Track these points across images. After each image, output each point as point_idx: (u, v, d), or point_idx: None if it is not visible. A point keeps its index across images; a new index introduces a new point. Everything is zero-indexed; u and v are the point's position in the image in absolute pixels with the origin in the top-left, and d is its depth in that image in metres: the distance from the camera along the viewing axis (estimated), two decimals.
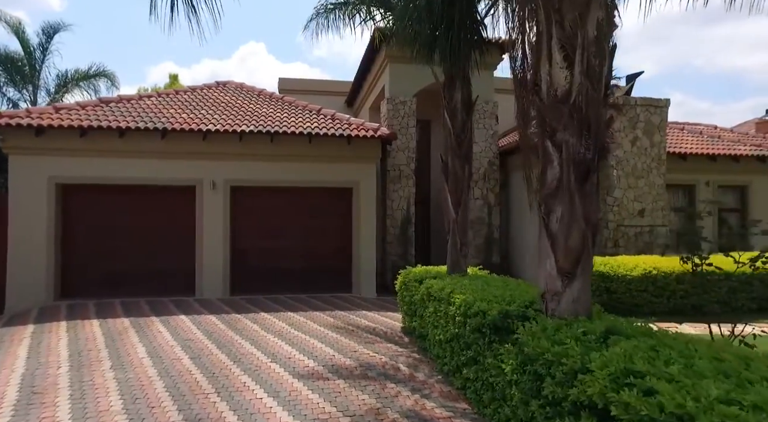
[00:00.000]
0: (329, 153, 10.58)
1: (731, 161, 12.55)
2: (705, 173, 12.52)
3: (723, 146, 12.79)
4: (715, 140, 13.24)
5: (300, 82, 17.59)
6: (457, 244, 6.85)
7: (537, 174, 4.38)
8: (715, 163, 12.47)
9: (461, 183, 6.87)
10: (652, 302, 8.62)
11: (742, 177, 12.87)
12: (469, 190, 6.99)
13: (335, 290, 10.60)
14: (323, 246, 10.82)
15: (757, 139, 13.94)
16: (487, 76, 11.70)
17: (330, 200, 10.90)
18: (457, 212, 6.87)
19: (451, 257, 6.89)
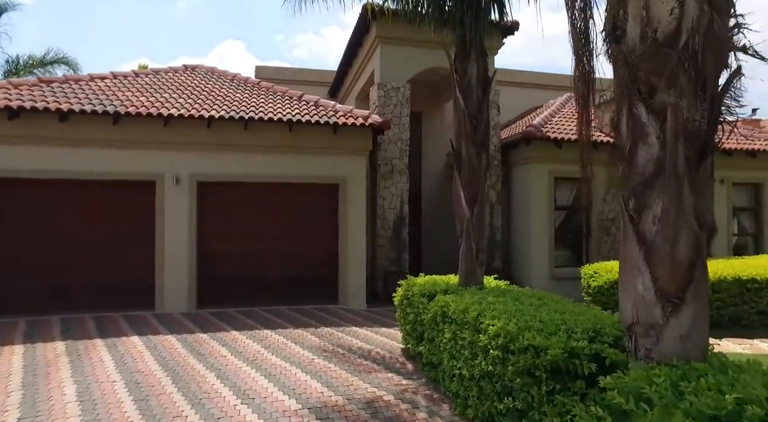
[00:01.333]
0: (312, 144, 9.25)
1: (747, 156, 11.68)
2: (721, 169, 11.59)
3: (738, 141, 11.91)
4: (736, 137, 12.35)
5: (278, 71, 16.17)
6: (473, 249, 5.62)
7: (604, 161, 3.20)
8: (730, 158, 11.57)
9: (477, 175, 5.64)
10: None
11: (757, 174, 12.02)
12: (486, 184, 5.77)
13: (320, 301, 9.27)
14: (306, 251, 9.48)
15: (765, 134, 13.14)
16: (488, 62, 10.54)
17: (314, 198, 9.57)
18: (473, 211, 5.64)
19: (465, 265, 5.65)
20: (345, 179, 9.44)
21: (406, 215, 10.41)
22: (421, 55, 10.71)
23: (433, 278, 6.28)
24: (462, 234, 5.72)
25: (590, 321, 3.59)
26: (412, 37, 10.55)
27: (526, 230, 10.48)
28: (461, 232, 5.74)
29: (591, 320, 3.61)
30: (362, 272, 9.50)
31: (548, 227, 10.39)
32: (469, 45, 5.70)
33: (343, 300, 9.36)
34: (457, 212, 5.80)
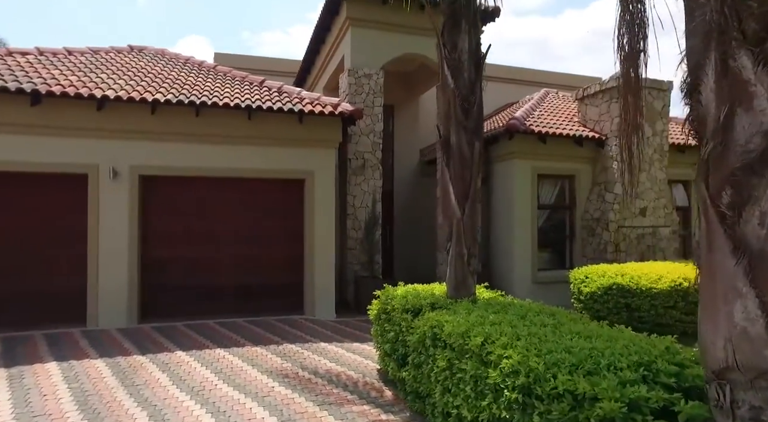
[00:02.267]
0: (275, 134, 8.20)
1: None
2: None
3: None
4: None
5: (239, 59, 14.91)
6: (464, 255, 4.76)
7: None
8: None
9: (469, 167, 4.79)
10: (682, 321, 6.98)
11: None
12: (479, 177, 4.92)
13: (283, 312, 8.23)
14: (267, 255, 8.42)
15: None
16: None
17: (277, 195, 8.52)
18: (464, 209, 4.78)
19: (455, 273, 4.79)
20: (312, 173, 8.44)
21: (379, 214, 9.51)
22: (396, 40, 9.84)
23: (415, 288, 5.39)
24: (451, 237, 4.86)
25: (631, 349, 2.79)
26: (387, 20, 9.68)
27: (508, 230, 9.77)
28: (450, 234, 4.88)
29: (631, 348, 2.81)
30: (331, 278, 8.52)
31: (531, 227, 9.71)
32: (458, 14, 4.84)
33: (309, 310, 8.36)
34: (445, 210, 4.94)
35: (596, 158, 10.05)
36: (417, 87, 13.21)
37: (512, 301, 4.61)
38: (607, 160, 9.75)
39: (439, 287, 5.42)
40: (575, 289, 7.75)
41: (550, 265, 10.15)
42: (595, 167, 10.09)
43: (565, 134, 9.52)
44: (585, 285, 7.44)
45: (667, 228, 9.86)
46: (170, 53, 10.18)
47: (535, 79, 16.23)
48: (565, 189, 10.30)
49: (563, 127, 9.88)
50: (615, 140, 9.60)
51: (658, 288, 6.96)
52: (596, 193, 9.95)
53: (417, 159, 13.74)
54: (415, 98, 13.78)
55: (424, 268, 13.06)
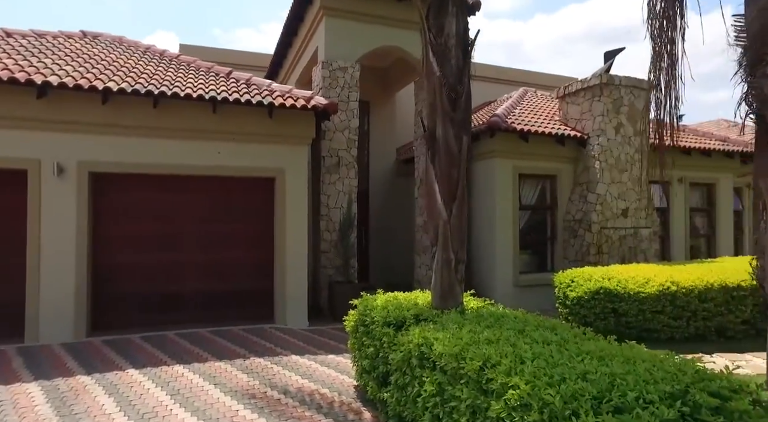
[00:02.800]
0: (243, 129, 7.58)
1: (703, 155, 11.40)
2: (679, 168, 11.22)
3: (697, 140, 11.63)
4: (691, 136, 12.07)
5: (206, 52, 14.11)
6: (451, 261, 4.31)
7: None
8: (689, 157, 11.22)
9: (457, 164, 4.34)
10: (670, 326, 6.74)
11: (711, 174, 11.80)
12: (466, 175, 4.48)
13: (251, 321, 7.61)
14: (234, 259, 7.78)
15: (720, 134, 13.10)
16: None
17: (244, 194, 7.90)
18: (451, 211, 4.33)
19: (441, 281, 4.33)
20: (283, 172, 7.85)
21: (355, 215, 9.00)
22: (373, 31, 9.35)
23: (396, 297, 4.91)
24: (437, 241, 4.40)
25: (656, 374, 2.37)
26: (363, 11, 9.19)
27: (489, 232, 9.42)
28: (435, 238, 4.42)
29: (656, 373, 2.40)
30: (303, 284, 7.96)
31: (513, 229, 9.39)
32: None
33: (280, 318, 7.77)
34: (430, 212, 4.48)
35: (578, 158, 9.82)
36: (393, 84, 12.77)
37: (504, 312, 4.18)
38: (589, 159, 9.51)
39: (423, 295, 4.96)
40: (560, 293, 7.43)
41: (531, 268, 9.86)
42: (577, 167, 9.85)
43: (548, 133, 9.23)
44: (571, 290, 7.13)
45: (648, 229, 9.70)
46: (129, 41, 9.39)
47: (512, 79, 16.04)
48: (546, 190, 10.03)
49: (545, 125, 9.60)
50: (597, 138, 9.37)
51: (645, 292, 6.70)
52: (578, 193, 9.71)
53: (393, 158, 13.29)
54: (391, 95, 13.34)
55: (400, 271, 12.63)
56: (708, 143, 11.49)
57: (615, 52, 9.86)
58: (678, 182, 11.20)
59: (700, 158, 11.37)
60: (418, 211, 10.09)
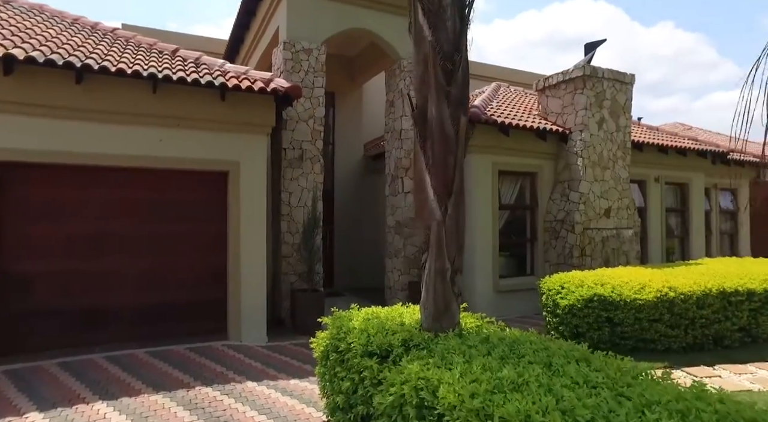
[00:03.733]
0: (191, 114, 6.48)
1: (678, 154, 11.16)
2: (656, 167, 10.93)
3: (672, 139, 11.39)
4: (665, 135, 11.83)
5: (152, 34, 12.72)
6: (446, 272, 3.47)
7: None
8: (665, 156, 10.95)
9: (453, 151, 3.51)
10: (667, 335, 6.19)
11: (686, 174, 11.60)
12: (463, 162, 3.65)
13: (199, 338, 6.53)
14: (179, 266, 6.67)
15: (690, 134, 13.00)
16: None
17: (192, 191, 6.79)
18: (446, 209, 3.49)
19: (435, 296, 3.48)
20: (237, 165, 6.81)
21: (320, 215, 8.04)
22: (341, 11, 8.43)
23: (377, 313, 4.02)
24: (427, 247, 3.55)
25: None
26: None
27: (468, 234, 8.63)
28: (426, 243, 3.57)
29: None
30: (261, 293, 6.94)
31: (492, 230, 8.71)
32: None
33: (233, 333, 6.72)
34: (420, 210, 3.62)
35: (559, 154, 9.26)
36: (361, 74, 11.88)
37: (515, 335, 3.38)
38: (571, 156, 8.97)
39: (408, 311, 4.10)
40: (549, 301, 6.76)
41: (510, 271, 9.22)
42: (558, 164, 9.29)
43: (530, 127, 8.61)
44: (562, 297, 6.47)
45: (629, 230, 9.27)
46: (51, 9, 8.03)
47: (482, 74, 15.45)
48: (526, 188, 9.43)
49: (525, 119, 8.98)
50: (579, 133, 8.84)
51: (642, 299, 6.12)
52: (559, 192, 9.15)
53: (360, 154, 12.41)
54: (358, 87, 12.45)
55: (369, 276, 11.76)
56: (682, 142, 11.27)
57: (596, 44, 9.37)
58: (654, 182, 10.90)
59: (676, 158, 11.13)
60: (389, 210, 9.25)
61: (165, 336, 6.42)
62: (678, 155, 11.10)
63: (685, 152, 11.04)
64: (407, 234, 8.72)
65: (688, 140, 11.78)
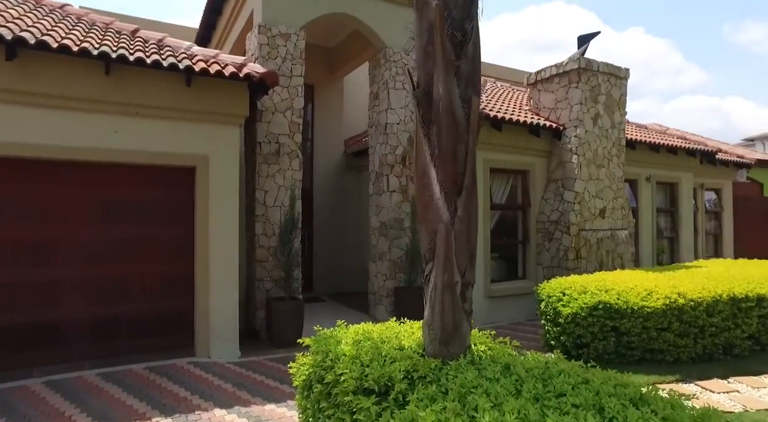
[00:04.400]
0: (152, 102, 5.71)
1: (669, 153, 10.88)
2: (647, 166, 10.61)
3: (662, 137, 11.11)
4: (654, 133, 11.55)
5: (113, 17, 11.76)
6: (456, 285, 2.86)
7: None
8: (657, 155, 10.64)
9: (464, 140, 2.91)
10: (677, 345, 5.75)
11: (675, 173, 11.34)
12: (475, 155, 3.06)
13: (162, 354, 5.76)
14: (139, 273, 5.89)
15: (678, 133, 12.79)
16: (404, 13, 8.03)
17: (154, 189, 6.02)
18: (455, 209, 2.89)
19: (442, 314, 2.87)
20: (206, 159, 6.07)
21: (299, 216, 7.34)
22: None
23: (368, 333, 3.39)
24: (432, 255, 2.94)
25: None
26: None
27: None
28: (431, 251, 2.95)
29: None
30: (233, 303, 6.21)
31: (484, 232, 8.18)
32: None
33: (202, 349, 5.97)
34: (424, 211, 3.00)
35: (552, 152, 8.80)
36: (342, 66, 11.21)
37: (538, 361, 2.80)
38: (565, 153, 8.51)
39: (406, 330, 3.48)
40: (549, 309, 6.25)
41: (501, 275, 8.72)
42: (551, 162, 8.83)
43: (523, 121, 8.11)
44: (564, 304, 5.96)
45: (624, 231, 8.88)
46: None
47: None
48: (518, 187, 8.94)
49: (516, 114, 8.48)
50: (574, 129, 8.39)
51: (650, 307, 5.66)
52: (553, 191, 8.68)
53: (341, 151, 11.74)
54: (338, 79, 11.77)
55: (351, 281, 11.12)
56: (673, 141, 11.00)
57: (589, 37, 8.95)
58: (645, 181, 10.59)
59: (667, 156, 10.85)
60: (373, 210, 8.62)
61: (122, 354, 5.64)
62: (668, 154, 10.81)
63: (676, 150, 10.77)
64: (392, 236, 8.11)
65: (677, 139, 11.53)
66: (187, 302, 6.09)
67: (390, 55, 8.25)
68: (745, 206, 14.38)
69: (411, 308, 7.67)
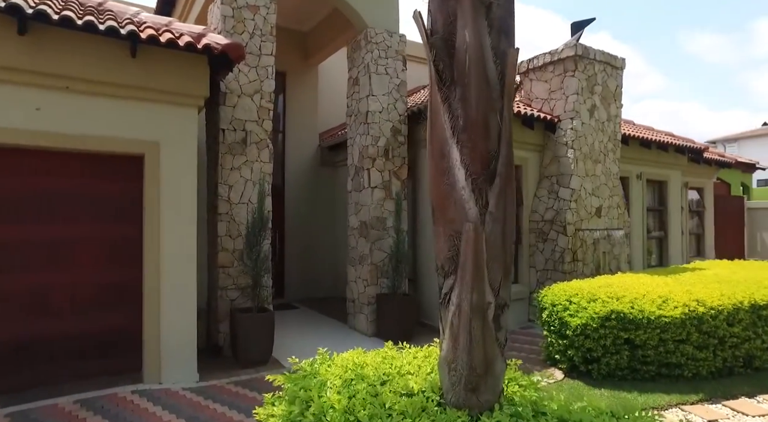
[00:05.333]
0: (86, 74, 4.70)
1: (660, 150, 10.47)
2: (638, 163, 10.15)
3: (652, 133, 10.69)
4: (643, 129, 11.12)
5: None
6: (487, 306, 2.07)
7: None
8: (648, 151, 10.20)
9: (497, 107, 2.12)
10: (695, 358, 5.15)
11: (665, 171, 10.95)
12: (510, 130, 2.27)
13: (100, 382, 4.76)
14: (70, 282, 4.87)
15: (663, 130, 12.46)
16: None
17: (91, 180, 5.00)
18: (485, 202, 2.10)
19: (469, 347, 2.06)
20: (157, 146, 5.09)
21: (269, 215, 6.41)
22: None
23: (360, 368, 2.56)
24: (454, 266, 2.14)
25: None
26: None
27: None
28: (452, 260, 2.14)
29: None
30: (190, 316, 5.25)
31: None
32: None
33: (151, 373, 4.99)
34: (441, 204, 2.19)
35: (545, 146, 8.16)
36: (316, 52, 10.31)
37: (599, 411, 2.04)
38: (559, 147, 7.88)
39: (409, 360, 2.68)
40: (553, 319, 5.56)
41: None
42: (544, 157, 8.20)
43: (516, 112, 7.42)
44: (571, 314, 5.28)
45: (620, 231, 8.33)
46: None
47: None
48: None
49: None
50: (570, 122, 7.77)
51: (668, 316, 5.04)
52: (546, 188, 8.05)
53: (315, 145, 10.83)
54: (312, 67, 10.86)
55: (326, 285, 10.26)
56: (663, 137, 10.60)
57: (584, 24, 8.36)
58: (636, 179, 10.12)
59: (657, 153, 10.43)
60: (352, 208, 7.78)
61: (51, 381, 4.62)
62: (658, 150, 10.39)
63: (667, 147, 10.35)
64: (374, 237, 7.29)
65: (666, 136, 11.16)
66: (134, 316, 5.09)
67: (371, 37, 7.42)
68: (721, 206, 14.27)
69: (395, 318, 6.87)
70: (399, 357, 2.76)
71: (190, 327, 5.23)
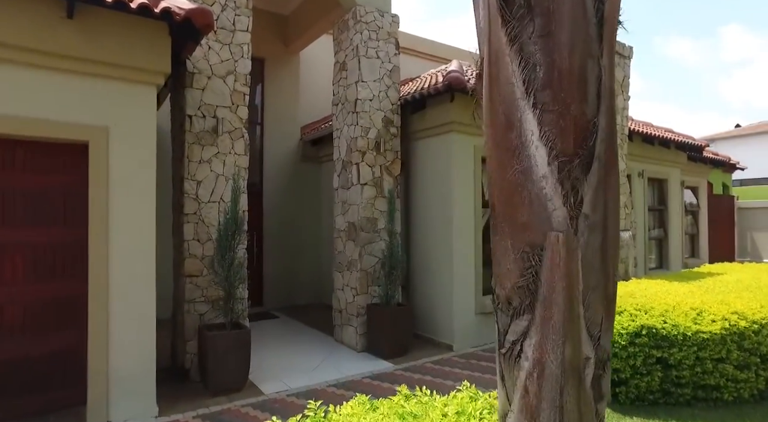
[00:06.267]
0: (9, 39, 3.77)
1: (662, 147, 9.96)
2: (640, 160, 9.61)
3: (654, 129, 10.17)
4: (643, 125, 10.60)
5: None
6: (584, 363, 1.30)
7: None
8: (650, 148, 9.67)
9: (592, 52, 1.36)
10: (736, 380, 4.52)
11: (665, 169, 10.45)
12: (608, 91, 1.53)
13: (32, 417, 3.85)
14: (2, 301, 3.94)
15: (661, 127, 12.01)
16: None
17: (21, 174, 4.07)
18: (579, 200, 1.33)
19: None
20: (104, 131, 4.18)
21: (244, 215, 5.54)
22: None
23: None
24: (530, 297, 1.36)
25: None
26: None
27: (444, 238, 6.63)
28: (525, 289, 1.37)
29: None
30: (148, 337, 4.36)
31: (474, 233, 6.75)
32: None
33: (97, 407, 4.08)
34: (505, 202, 1.41)
35: None
36: (297, 38, 9.46)
37: None
38: None
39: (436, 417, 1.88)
40: None
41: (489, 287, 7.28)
42: None
43: None
44: None
45: (627, 232, 7.73)
46: None
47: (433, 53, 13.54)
48: None
49: None
50: None
51: (706, 331, 4.40)
52: None
53: (297, 139, 9.96)
54: (294, 55, 9.99)
55: (309, 292, 9.44)
56: (665, 133, 10.10)
57: None
58: (638, 177, 9.58)
59: (658, 150, 9.92)
60: (339, 208, 6.96)
61: None
62: (660, 147, 9.89)
63: (668, 144, 9.85)
64: (364, 240, 6.49)
65: (666, 132, 10.67)
66: (77, 338, 4.19)
67: (361, 15, 6.62)
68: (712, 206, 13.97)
69: (389, 331, 6.09)
70: (423, 416, 1.99)
71: (148, 350, 4.34)
